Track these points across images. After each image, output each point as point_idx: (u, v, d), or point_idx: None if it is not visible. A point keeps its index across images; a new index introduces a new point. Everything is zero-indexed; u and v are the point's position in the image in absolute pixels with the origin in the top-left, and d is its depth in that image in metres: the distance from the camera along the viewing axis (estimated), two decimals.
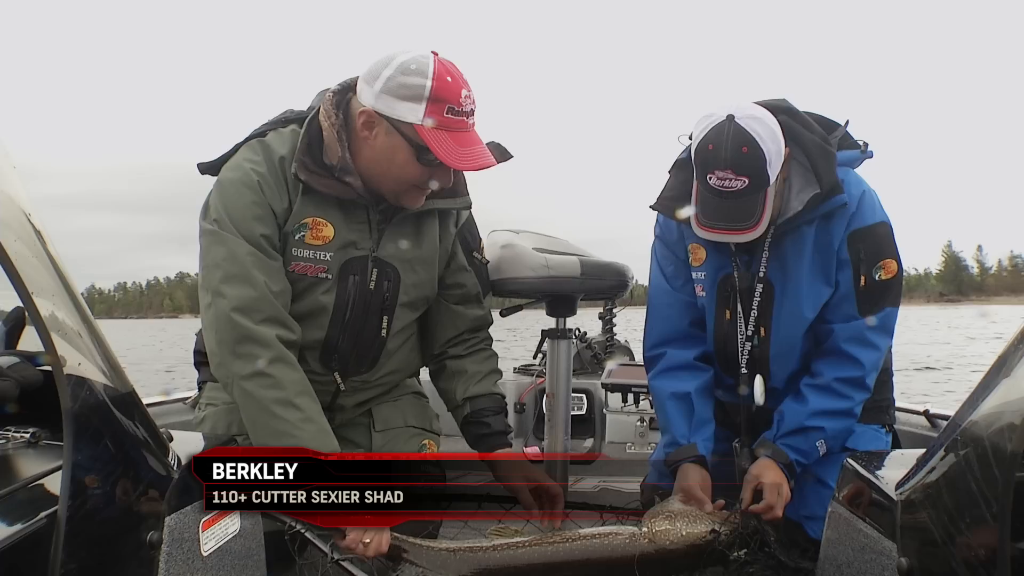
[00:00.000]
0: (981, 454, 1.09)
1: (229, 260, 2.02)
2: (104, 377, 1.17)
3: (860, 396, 2.13)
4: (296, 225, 2.09)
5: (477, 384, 2.37)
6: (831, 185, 2.08)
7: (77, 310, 1.17)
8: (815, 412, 2.14)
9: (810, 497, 2.20)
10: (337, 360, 2.22)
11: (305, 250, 2.10)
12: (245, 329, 2.00)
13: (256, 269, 2.02)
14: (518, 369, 4.90)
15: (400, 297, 2.22)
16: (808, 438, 2.13)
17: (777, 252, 2.17)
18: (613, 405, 4.29)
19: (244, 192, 2.04)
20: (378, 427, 2.39)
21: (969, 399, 1.22)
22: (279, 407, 1.98)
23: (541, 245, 2.57)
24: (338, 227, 2.12)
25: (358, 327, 2.19)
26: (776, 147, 2.00)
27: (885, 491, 1.33)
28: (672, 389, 2.29)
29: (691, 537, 1.99)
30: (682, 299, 2.33)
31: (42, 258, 1.12)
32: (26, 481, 1.23)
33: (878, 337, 2.14)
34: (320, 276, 2.12)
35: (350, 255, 2.13)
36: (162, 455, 1.28)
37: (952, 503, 1.15)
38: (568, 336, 2.68)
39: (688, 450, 2.21)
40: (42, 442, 1.44)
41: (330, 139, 2.06)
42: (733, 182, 1.96)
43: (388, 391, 2.42)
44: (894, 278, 2.14)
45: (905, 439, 2.75)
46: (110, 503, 1.14)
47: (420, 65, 1.96)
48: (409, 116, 1.97)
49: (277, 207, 2.07)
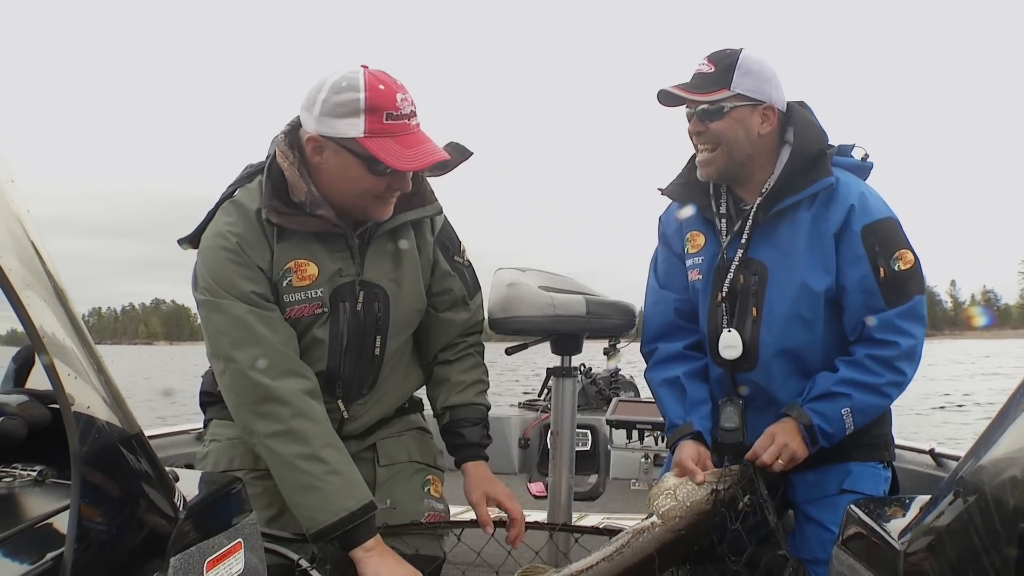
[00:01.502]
0: (983, 506, 1.09)
1: (231, 324, 2.06)
2: (112, 418, 1.18)
3: (891, 376, 2.15)
4: (281, 272, 2.12)
5: (459, 394, 2.37)
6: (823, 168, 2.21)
7: (85, 348, 1.18)
8: (843, 380, 2.17)
9: (812, 541, 2.20)
10: (340, 387, 2.23)
11: (295, 293, 2.13)
12: (263, 388, 2.03)
13: (259, 326, 2.06)
14: (523, 404, 4.91)
15: (392, 315, 2.23)
16: (835, 403, 2.16)
17: (772, 234, 2.25)
18: (618, 441, 4.29)
19: (226, 256, 2.08)
20: (382, 462, 2.39)
21: (972, 448, 1.22)
22: (304, 462, 2.01)
23: (547, 283, 2.59)
24: (321, 262, 2.15)
25: (356, 352, 2.21)
26: (757, 68, 2.21)
27: (888, 539, 1.33)
28: (662, 376, 2.39)
29: (696, 505, 2.06)
30: (669, 296, 2.44)
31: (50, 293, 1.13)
32: (32, 521, 1.23)
33: (909, 324, 2.17)
34: (317, 312, 2.15)
35: (337, 283, 2.16)
36: (168, 496, 1.28)
37: (955, 554, 1.15)
38: (573, 374, 2.69)
39: (684, 428, 2.28)
40: (48, 480, 1.44)
41: (292, 177, 2.09)
42: (705, 68, 2.23)
43: (392, 422, 2.42)
44: (913, 267, 2.18)
45: (910, 478, 2.74)
46: (116, 545, 1.14)
47: (351, 81, 2.00)
48: (351, 131, 2.00)
49: (262, 262, 2.11)
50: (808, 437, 2.14)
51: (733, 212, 2.30)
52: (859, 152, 2.34)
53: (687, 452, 2.20)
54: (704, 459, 2.20)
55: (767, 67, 2.23)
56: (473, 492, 2.30)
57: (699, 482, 2.10)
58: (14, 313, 1.05)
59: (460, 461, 2.37)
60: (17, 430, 1.59)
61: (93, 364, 1.18)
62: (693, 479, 2.11)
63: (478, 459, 2.35)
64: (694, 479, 2.10)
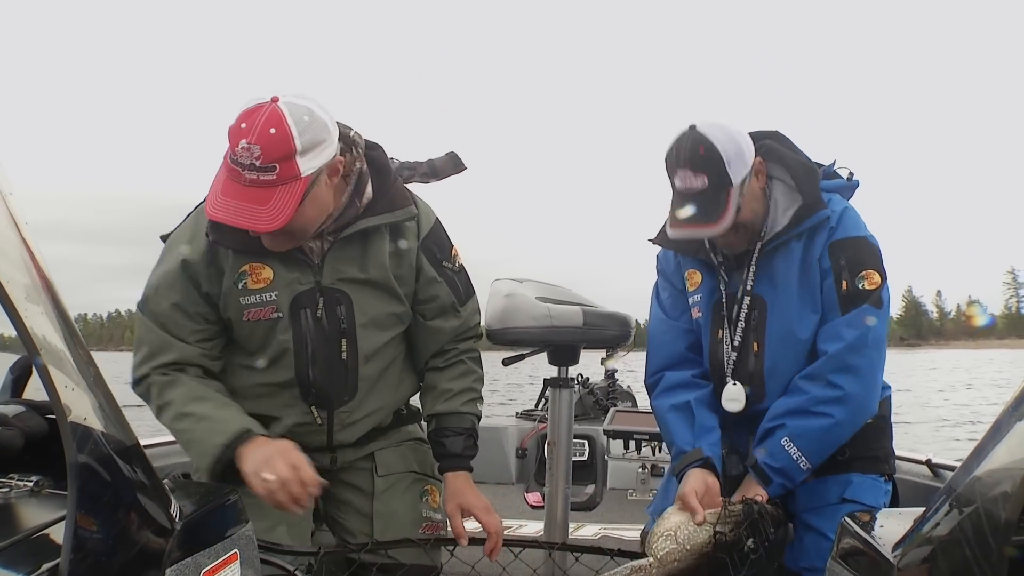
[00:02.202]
0: (975, 520, 1.09)
1: (144, 331, 2.16)
2: (109, 428, 1.18)
3: (818, 391, 2.12)
4: (236, 275, 2.12)
5: (445, 402, 2.34)
6: (814, 198, 2.17)
7: (82, 359, 1.19)
8: (775, 413, 2.17)
9: (810, 549, 2.20)
10: (314, 395, 2.22)
11: (251, 296, 2.13)
12: (137, 380, 2.14)
13: (161, 332, 2.14)
14: (520, 414, 4.91)
15: (358, 318, 2.20)
16: (773, 437, 2.14)
17: (766, 268, 2.23)
18: (615, 452, 4.28)
19: (167, 282, 2.14)
20: (380, 472, 2.38)
21: (965, 462, 1.22)
22: (178, 422, 2.09)
23: (544, 294, 2.59)
24: (276, 267, 2.14)
25: (324, 359, 2.20)
26: (735, 148, 2.12)
27: (882, 552, 1.33)
28: (671, 402, 2.33)
29: (696, 548, 1.98)
30: (678, 327, 2.40)
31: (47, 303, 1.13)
32: (29, 532, 1.24)
33: (847, 329, 2.13)
34: (273, 317, 2.15)
35: (296, 290, 2.15)
36: (164, 506, 1.28)
37: (947, 568, 1.15)
38: (570, 385, 2.69)
39: (693, 455, 2.20)
40: (45, 491, 1.45)
41: None
42: (693, 181, 2.11)
43: (390, 432, 2.42)
44: (878, 289, 2.15)
45: (907, 488, 2.74)
46: (112, 556, 1.14)
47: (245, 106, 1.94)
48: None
49: (205, 282, 2.13)
50: (760, 478, 2.13)
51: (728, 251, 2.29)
52: (844, 172, 2.34)
53: (692, 484, 2.11)
54: (712, 491, 2.12)
55: (733, 132, 2.15)
56: (448, 503, 2.27)
57: (699, 523, 2.00)
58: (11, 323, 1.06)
59: (442, 471, 2.34)
60: (14, 440, 1.59)
61: (90, 375, 1.18)
62: (695, 519, 2.01)
63: (460, 469, 2.30)
64: (694, 519, 2.01)
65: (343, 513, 2.40)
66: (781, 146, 2.27)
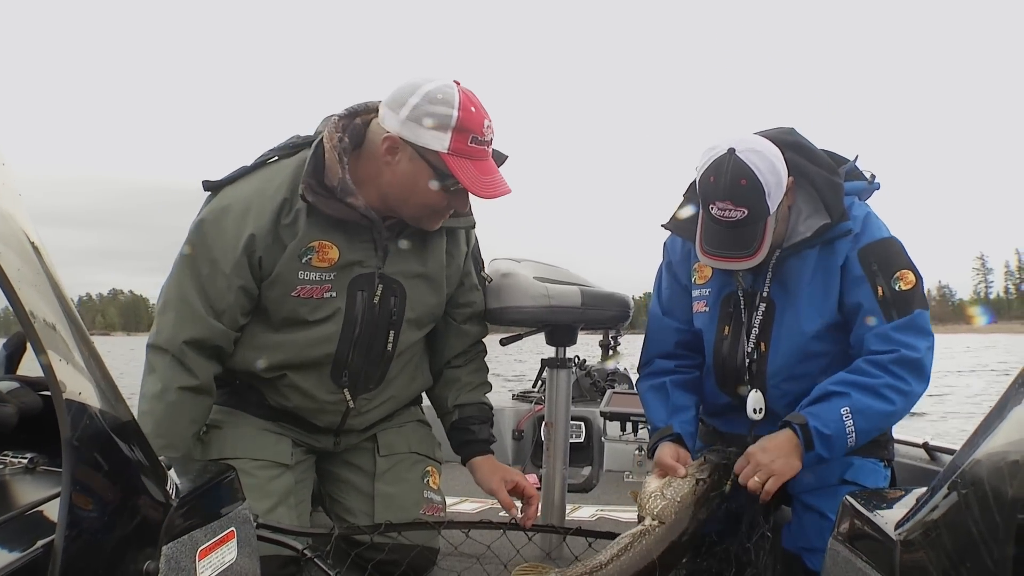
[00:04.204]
0: (981, 497, 1.09)
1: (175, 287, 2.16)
2: (104, 404, 1.17)
3: (889, 379, 2.06)
4: (303, 249, 2.12)
5: (468, 393, 2.46)
6: (839, 214, 2.14)
7: (77, 334, 1.17)
8: (840, 380, 2.11)
9: (809, 529, 2.20)
10: (348, 376, 2.24)
11: (311, 272, 2.14)
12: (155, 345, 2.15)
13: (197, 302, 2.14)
14: (517, 396, 4.90)
15: (407, 313, 2.26)
16: (831, 403, 2.08)
17: (780, 273, 2.22)
18: (612, 433, 4.28)
19: (224, 247, 2.13)
20: (382, 452, 2.41)
21: (969, 439, 1.21)
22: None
23: (542, 274, 2.58)
24: (342, 248, 2.16)
25: (367, 343, 2.23)
26: (775, 179, 2.07)
27: (884, 530, 1.33)
28: (650, 383, 2.42)
29: (686, 498, 2.10)
30: (670, 324, 2.44)
31: (42, 279, 1.12)
32: (23, 509, 1.22)
33: (907, 336, 2.10)
34: (326, 296, 2.15)
35: (356, 273, 2.17)
36: (161, 483, 1.27)
37: (952, 545, 1.14)
38: (568, 366, 2.68)
39: (664, 431, 2.29)
40: (40, 468, 1.43)
41: (331, 160, 2.09)
42: (733, 212, 2.04)
43: (393, 415, 2.44)
44: (915, 287, 2.13)
45: (904, 472, 2.74)
46: (107, 532, 1.13)
47: (446, 95, 2.02)
48: (435, 144, 2.03)
49: (264, 256, 2.13)
50: (804, 440, 2.06)
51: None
52: (867, 173, 2.33)
53: (666, 452, 2.22)
54: (684, 460, 2.21)
55: (771, 157, 2.09)
56: (492, 479, 2.36)
57: (682, 475, 2.14)
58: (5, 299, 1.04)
59: (468, 456, 2.42)
60: (8, 417, 1.57)
61: (85, 351, 1.17)
62: (676, 474, 2.14)
63: (487, 453, 2.43)
64: (676, 474, 2.14)
65: (343, 492, 2.41)
66: (802, 158, 2.22)
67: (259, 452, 2.23)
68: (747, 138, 2.11)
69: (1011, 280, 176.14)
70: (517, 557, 2.32)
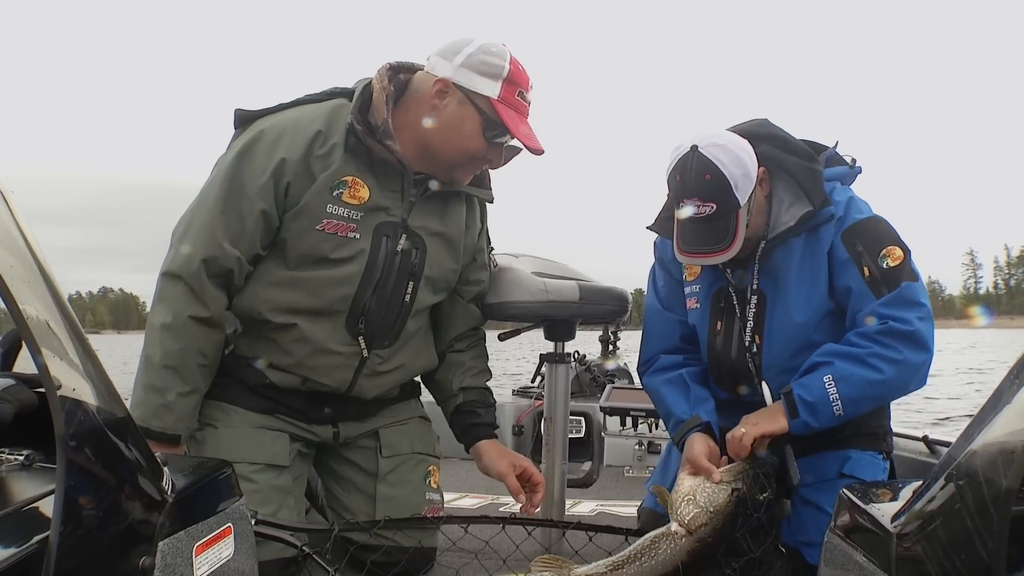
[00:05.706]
0: (976, 489, 1.09)
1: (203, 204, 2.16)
2: (99, 401, 1.17)
3: (876, 348, 2.04)
4: (336, 181, 2.15)
5: (472, 377, 2.49)
6: (820, 200, 2.15)
7: (72, 331, 1.17)
8: (825, 351, 2.11)
9: (808, 523, 2.20)
10: (364, 324, 2.23)
11: (340, 207, 2.16)
12: (170, 272, 2.13)
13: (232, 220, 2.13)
14: (517, 391, 4.90)
15: (426, 269, 2.29)
16: (815, 373, 2.08)
17: (767, 264, 2.22)
18: (612, 428, 4.28)
19: (254, 170, 2.13)
20: (385, 452, 2.40)
21: (965, 431, 1.21)
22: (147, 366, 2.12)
23: (540, 269, 2.58)
24: (372, 191, 2.19)
25: (387, 290, 2.24)
26: (741, 171, 2.08)
27: (881, 523, 1.33)
28: (664, 377, 2.38)
29: (719, 508, 2.03)
30: (672, 318, 2.43)
31: (35, 276, 1.12)
32: (18, 505, 1.22)
33: (897, 309, 2.07)
34: (350, 236, 2.17)
35: (381, 219, 2.20)
36: (156, 480, 1.27)
37: (947, 537, 1.14)
38: (566, 360, 2.68)
39: (692, 421, 2.24)
40: (36, 464, 1.43)
41: (378, 101, 2.16)
42: (702, 208, 2.08)
43: (395, 405, 2.44)
44: (903, 262, 2.11)
45: (904, 465, 2.74)
46: (103, 529, 1.13)
47: (499, 50, 2.15)
48: (486, 90, 2.14)
49: (293, 184, 2.13)
50: (788, 407, 2.07)
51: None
52: (847, 158, 2.32)
53: (698, 448, 2.14)
54: (714, 454, 2.14)
55: (736, 150, 2.10)
56: (500, 463, 2.37)
57: (716, 481, 2.05)
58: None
59: (474, 439, 2.44)
60: (4, 414, 1.58)
61: (79, 347, 1.17)
62: (710, 479, 2.06)
63: (492, 437, 2.45)
64: (711, 479, 2.06)
65: (344, 490, 2.41)
66: (777, 148, 2.22)
67: (256, 454, 2.20)
68: (710, 133, 2.13)
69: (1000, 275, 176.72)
70: (516, 552, 2.31)
